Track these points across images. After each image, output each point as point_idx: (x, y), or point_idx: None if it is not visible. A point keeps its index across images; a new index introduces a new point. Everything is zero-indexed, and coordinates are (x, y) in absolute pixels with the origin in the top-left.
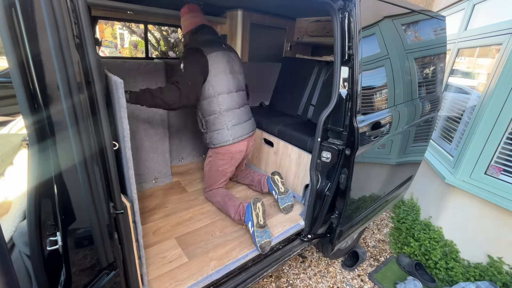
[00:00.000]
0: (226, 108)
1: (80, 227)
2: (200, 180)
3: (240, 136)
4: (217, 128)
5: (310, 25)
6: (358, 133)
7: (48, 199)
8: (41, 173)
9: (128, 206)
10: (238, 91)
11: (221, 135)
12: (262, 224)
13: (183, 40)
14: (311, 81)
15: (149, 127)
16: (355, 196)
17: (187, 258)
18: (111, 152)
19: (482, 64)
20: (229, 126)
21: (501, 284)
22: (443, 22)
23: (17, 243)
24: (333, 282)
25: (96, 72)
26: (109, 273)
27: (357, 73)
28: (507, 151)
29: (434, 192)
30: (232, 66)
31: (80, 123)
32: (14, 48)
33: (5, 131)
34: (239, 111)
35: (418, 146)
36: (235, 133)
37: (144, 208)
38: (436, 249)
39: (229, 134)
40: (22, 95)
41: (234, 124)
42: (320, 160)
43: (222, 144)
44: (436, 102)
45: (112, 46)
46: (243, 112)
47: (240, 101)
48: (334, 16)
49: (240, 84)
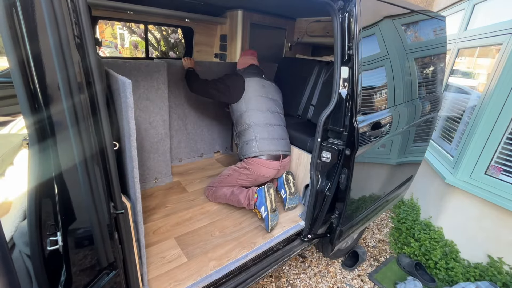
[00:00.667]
0: (256, 123)
1: (81, 227)
2: (200, 180)
3: (268, 151)
4: (246, 139)
5: (310, 25)
6: (358, 133)
7: (48, 199)
8: (42, 173)
9: (128, 206)
10: (271, 111)
11: (249, 146)
12: (274, 208)
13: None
14: (311, 81)
15: (150, 127)
16: (355, 196)
17: (187, 258)
18: (112, 152)
19: (482, 64)
20: (258, 138)
21: (501, 284)
22: (443, 22)
23: (18, 243)
24: (333, 282)
25: (97, 72)
26: (109, 273)
27: (357, 73)
28: (507, 151)
29: (434, 192)
30: (267, 91)
31: (81, 123)
32: (14, 48)
33: (6, 131)
34: (270, 128)
35: (418, 146)
36: (263, 146)
37: (144, 208)
38: (436, 249)
39: (256, 146)
40: (23, 95)
41: (262, 137)
42: (320, 160)
43: (249, 155)
44: (436, 102)
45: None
46: (275, 130)
47: (272, 121)
48: (334, 16)
49: (274, 107)
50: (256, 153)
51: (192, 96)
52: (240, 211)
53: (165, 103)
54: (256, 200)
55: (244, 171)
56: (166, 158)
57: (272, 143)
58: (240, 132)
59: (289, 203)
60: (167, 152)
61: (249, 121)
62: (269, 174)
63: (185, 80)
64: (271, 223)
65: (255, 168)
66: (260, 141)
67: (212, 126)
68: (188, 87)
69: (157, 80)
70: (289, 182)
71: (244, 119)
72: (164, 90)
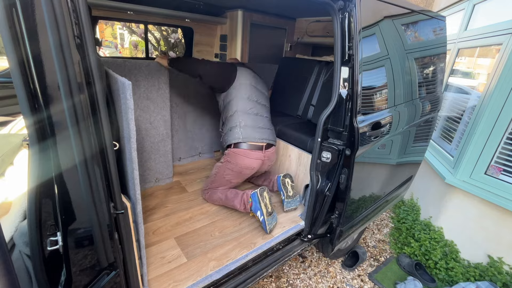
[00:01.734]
0: (242, 110)
1: (81, 227)
2: (200, 180)
3: (251, 138)
4: (230, 125)
5: (310, 25)
6: (358, 133)
7: (48, 199)
8: (42, 173)
9: (128, 206)
10: (259, 103)
11: (232, 132)
12: (270, 211)
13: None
14: (311, 81)
15: (150, 127)
16: (355, 196)
17: (186, 258)
18: (112, 152)
19: (482, 64)
20: (242, 124)
21: (501, 284)
22: (443, 22)
23: (18, 243)
24: (333, 282)
25: (97, 72)
26: (109, 273)
27: (357, 73)
28: (507, 151)
29: (434, 192)
30: (257, 81)
31: (81, 123)
32: (14, 48)
33: (6, 131)
34: (255, 116)
35: (418, 146)
36: (246, 133)
37: (144, 208)
38: (436, 249)
39: (240, 132)
40: (23, 95)
41: (246, 124)
42: (320, 160)
43: (231, 141)
44: (436, 102)
45: (112, 46)
46: (261, 120)
47: (260, 111)
48: (334, 16)
49: (262, 99)
50: (238, 139)
51: (191, 96)
52: (240, 211)
53: (166, 103)
54: (251, 205)
55: (227, 164)
56: (168, 159)
57: (256, 131)
58: (226, 119)
59: (287, 205)
60: (168, 152)
61: (236, 107)
62: (253, 165)
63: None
64: (268, 226)
65: (237, 160)
66: (244, 128)
67: (211, 125)
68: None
69: (158, 79)
70: (286, 185)
71: (232, 105)
72: (165, 89)
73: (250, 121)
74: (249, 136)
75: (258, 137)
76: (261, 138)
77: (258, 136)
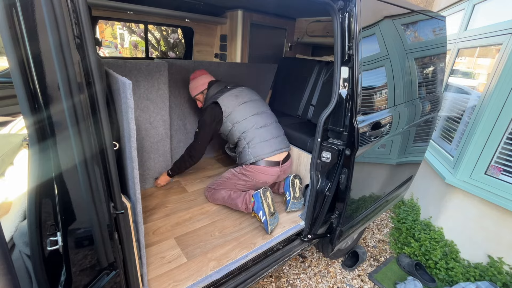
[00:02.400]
0: (245, 131)
1: (81, 227)
2: (200, 180)
3: (263, 155)
4: (239, 149)
5: (310, 25)
6: (358, 133)
7: (48, 199)
8: (42, 173)
9: (128, 206)
10: (258, 113)
11: (244, 154)
12: (273, 211)
13: (198, 99)
14: (311, 81)
15: (150, 127)
16: (355, 196)
17: (186, 258)
18: (112, 152)
19: (482, 64)
20: (249, 145)
21: (501, 284)
22: (443, 22)
23: (18, 243)
24: (333, 282)
25: (97, 72)
26: (109, 273)
27: (357, 73)
28: (507, 151)
29: (434, 192)
30: (242, 98)
31: (81, 123)
32: (14, 48)
33: (6, 131)
34: (261, 130)
35: (418, 146)
36: (256, 151)
37: (144, 208)
38: (436, 249)
39: (249, 153)
40: (23, 95)
41: (253, 143)
42: (320, 160)
43: (246, 162)
44: (436, 102)
45: (112, 46)
46: (266, 131)
47: (261, 122)
48: (334, 16)
49: (257, 108)
50: (251, 160)
51: (191, 97)
52: (240, 212)
53: (166, 103)
54: (254, 205)
55: (242, 177)
56: (167, 158)
57: (265, 145)
58: (235, 144)
59: (291, 207)
60: (167, 152)
61: (238, 132)
62: (268, 181)
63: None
64: (270, 227)
65: (254, 175)
66: (252, 147)
67: None
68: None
69: (157, 80)
70: (295, 186)
71: (233, 133)
72: (164, 90)
73: (257, 138)
74: (260, 153)
75: (270, 151)
76: (273, 151)
77: (268, 150)
